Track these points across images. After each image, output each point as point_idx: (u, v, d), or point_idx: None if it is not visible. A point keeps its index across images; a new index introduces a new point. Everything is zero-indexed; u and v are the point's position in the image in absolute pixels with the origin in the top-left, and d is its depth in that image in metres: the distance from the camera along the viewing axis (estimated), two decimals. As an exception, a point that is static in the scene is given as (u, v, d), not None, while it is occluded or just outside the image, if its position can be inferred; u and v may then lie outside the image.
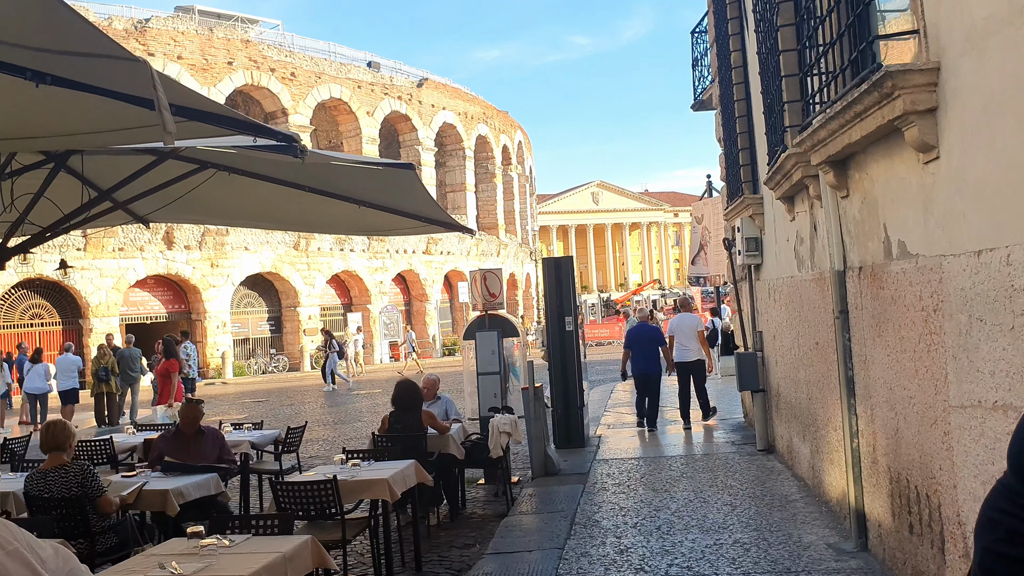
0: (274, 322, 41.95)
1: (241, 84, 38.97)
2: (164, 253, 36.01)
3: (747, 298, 10.10)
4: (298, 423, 8.49)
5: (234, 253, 38.12)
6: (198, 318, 37.85)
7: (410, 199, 5.90)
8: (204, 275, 37.33)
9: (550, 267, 10.65)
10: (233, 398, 24.69)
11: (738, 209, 9.42)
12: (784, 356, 8.08)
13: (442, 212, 6.16)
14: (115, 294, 34.70)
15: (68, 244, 33.26)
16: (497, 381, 9.30)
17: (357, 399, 21.33)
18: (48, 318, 34.54)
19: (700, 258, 20.31)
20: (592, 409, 15.02)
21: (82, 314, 34.47)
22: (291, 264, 40.37)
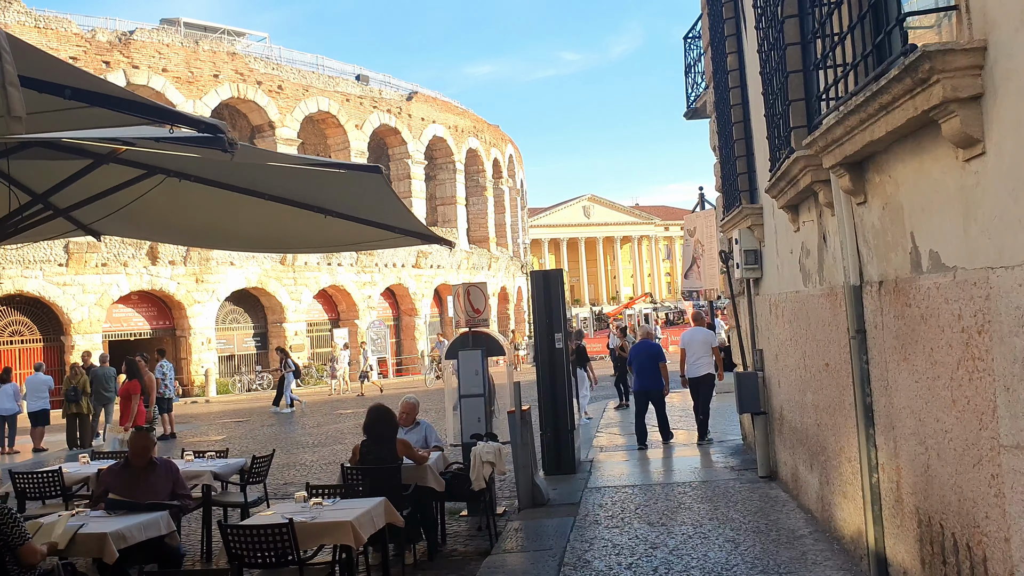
0: (260, 338, 41.27)
1: (227, 97, 38.45)
2: (148, 268, 35.34)
3: (746, 314, 9.54)
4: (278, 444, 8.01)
5: (219, 268, 37.49)
6: (183, 334, 37.18)
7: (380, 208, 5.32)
8: (189, 291, 36.67)
9: (538, 281, 10.05)
10: (214, 417, 23.98)
11: (735, 220, 8.87)
12: (788, 377, 7.51)
13: (415, 221, 5.58)
14: (98, 310, 34.00)
15: (50, 259, 32.64)
16: (481, 404, 8.69)
17: (340, 419, 20.65)
18: (29, 335, 33.79)
19: (693, 272, 19.77)
20: (583, 431, 14.43)
21: (64, 331, 33.73)
22: (277, 279, 39.75)
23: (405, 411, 7.75)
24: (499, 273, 54.30)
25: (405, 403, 7.86)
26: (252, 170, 5.27)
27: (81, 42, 34.34)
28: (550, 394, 9.83)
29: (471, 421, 8.65)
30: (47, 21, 33.73)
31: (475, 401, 8.68)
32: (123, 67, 35.12)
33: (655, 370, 12.03)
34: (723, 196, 10.28)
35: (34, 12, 33.95)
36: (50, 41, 33.43)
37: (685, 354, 12.27)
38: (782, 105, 5.85)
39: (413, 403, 7.85)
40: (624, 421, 15.97)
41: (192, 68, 37.60)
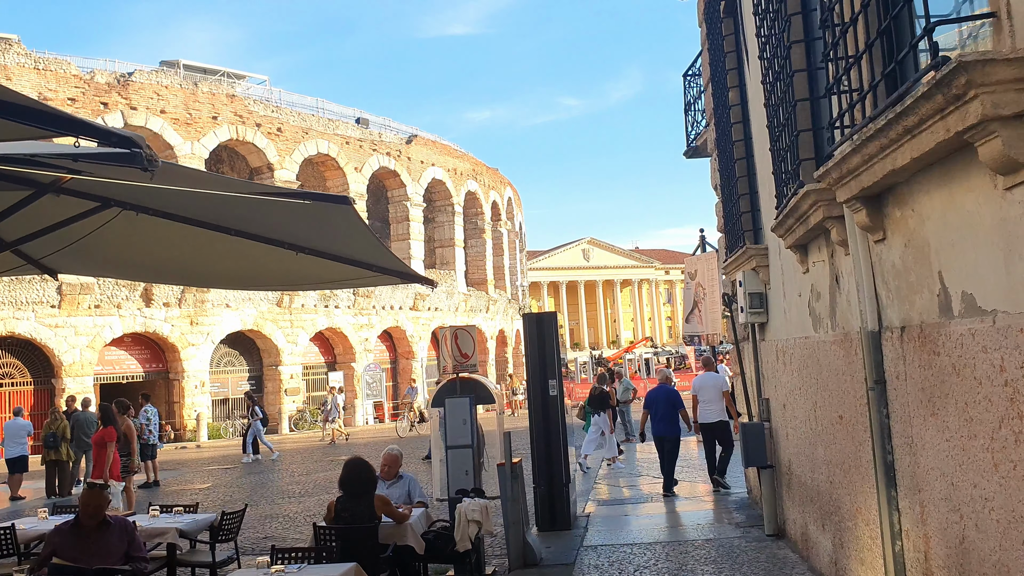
0: (255, 381, 40.70)
1: (226, 139, 38.40)
2: (142, 310, 34.92)
3: (751, 360, 9.07)
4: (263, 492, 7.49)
5: (215, 310, 37.08)
6: (176, 377, 36.65)
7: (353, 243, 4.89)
8: (183, 333, 36.21)
9: (531, 324, 9.58)
10: (202, 464, 23.33)
11: (739, 261, 8.44)
12: (797, 429, 7.02)
13: (391, 258, 5.15)
14: (90, 352, 33.49)
15: (42, 300, 32.23)
16: (469, 456, 8.16)
17: (331, 468, 20.03)
18: (19, 377, 33.27)
19: (694, 316, 19.33)
20: (580, 481, 13.86)
21: (55, 373, 33.20)
22: (273, 321, 39.32)
23: (387, 463, 7.24)
24: (497, 316, 53.87)
25: (387, 455, 7.36)
26: (216, 203, 4.85)
27: (80, 83, 34.33)
28: (544, 444, 9.30)
29: (458, 474, 8.11)
30: (46, 63, 33.75)
31: (462, 452, 8.15)
32: (121, 108, 35.08)
33: (674, 416, 11.94)
34: (725, 237, 9.87)
35: (34, 54, 34.00)
36: (49, 83, 33.43)
37: (697, 400, 12.20)
38: (789, 137, 5.46)
39: (395, 455, 7.34)
40: (625, 471, 15.39)
41: (191, 110, 37.58)
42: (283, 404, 38.99)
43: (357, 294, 42.56)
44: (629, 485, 12.97)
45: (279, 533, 10.76)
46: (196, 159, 36.96)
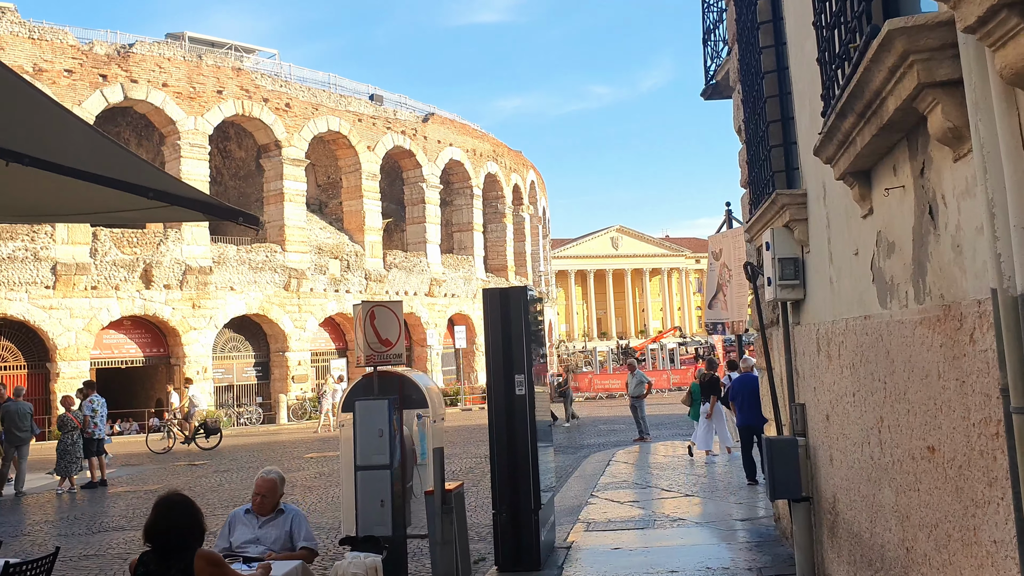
0: (261, 368, 39.16)
1: (231, 114, 36.66)
2: (141, 292, 33.37)
3: (780, 352, 6.88)
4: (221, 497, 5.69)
5: (218, 293, 35.46)
6: (177, 363, 35.13)
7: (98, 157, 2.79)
8: (185, 316, 34.64)
9: (493, 302, 7.40)
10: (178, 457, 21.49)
11: (767, 217, 6.22)
12: (848, 453, 4.82)
13: (165, 179, 3.07)
14: (86, 336, 31.99)
15: (36, 281, 30.74)
16: (386, 481, 6.05)
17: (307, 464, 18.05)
18: (12, 361, 31.88)
19: (718, 301, 17.06)
20: (575, 493, 11.72)
21: (49, 357, 31.76)
22: (280, 305, 37.65)
23: (260, 492, 5.19)
24: (518, 303, 51.73)
25: (261, 480, 5.27)
26: None
27: (77, 54, 32.68)
28: (507, 458, 7.15)
29: (371, 506, 6.03)
30: (42, 32, 32.14)
31: (377, 476, 6.06)
32: (120, 81, 33.42)
33: (759, 404, 10.74)
34: (750, 191, 7.63)
35: (29, 23, 32.39)
36: (44, 53, 31.82)
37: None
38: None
39: (272, 480, 5.26)
40: (633, 478, 13.20)
41: (194, 83, 35.84)
42: (290, 392, 37.34)
43: (369, 279, 40.76)
44: (634, 501, 10.80)
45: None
46: (200, 135, 35.31)
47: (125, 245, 33.29)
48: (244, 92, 37.29)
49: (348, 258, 40.48)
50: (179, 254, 34.32)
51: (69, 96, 31.62)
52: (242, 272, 36.27)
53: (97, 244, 32.25)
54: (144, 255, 33.38)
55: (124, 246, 33.24)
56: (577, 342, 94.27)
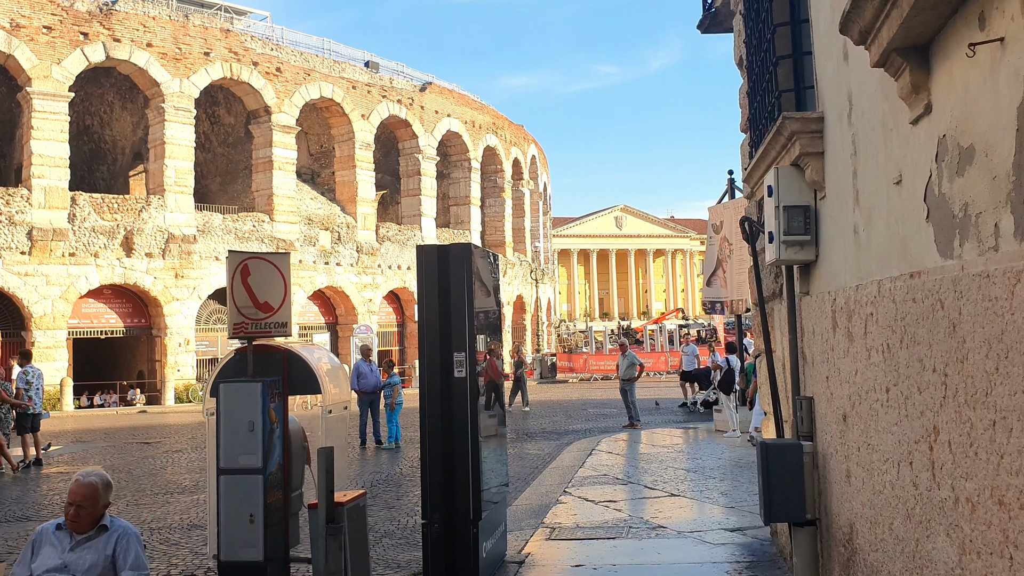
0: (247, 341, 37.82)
1: (219, 77, 35.19)
2: (122, 260, 32.09)
3: (782, 330, 5.52)
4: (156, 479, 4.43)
5: (202, 263, 34.20)
6: (158, 334, 33.93)
7: None
8: (167, 286, 33.39)
9: (428, 263, 5.98)
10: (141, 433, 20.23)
11: (770, 154, 4.84)
12: (880, 471, 3.47)
13: None
14: (63, 304, 30.74)
15: (11, 246, 29.46)
16: (257, 489, 4.69)
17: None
18: (-15, 328, 30.63)
19: (717, 278, 15.66)
20: (547, 487, 10.40)
21: (24, 326, 30.51)
22: (267, 278, 36.23)
23: (75, 501, 3.87)
24: (515, 281, 50.39)
25: (76, 487, 3.93)
26: None
27: (58, 11, 31.18)
28: (441, 454, 5.81)
29: (237, 521, 4.68)
30: (18, -15, 30.62)
31: (245, 483, 4.71)
32: (103, 39, 31.95)
33: None
34: (750, 131, 6.22)
35: (6, -24, 30.89)
36: (22, 8, 30.34)
37: None
38: None
39: (92, 486, 3.92)
40: (614, 472, 11.87)
41: (180, 44, 34.34)
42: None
43: (361, 251, 39.49)
44: (611, 500, 9.46)
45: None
46: (186, 98, 33.87)
47: (105, 211, 32.00)
48: (233, 55, 35.81)
49: (339, 230, 39.15)
50: (162, 221, 33.03)
51: (48, 55, 30.23)
52: (228, 242, 34.97)
53: (76, 209, 30.96)
54: (125, 222, 32.09)
55: (104, 212, 31.96)
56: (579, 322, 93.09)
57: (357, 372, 16.60)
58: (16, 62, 29.62)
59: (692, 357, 24.89)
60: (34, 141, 29.76)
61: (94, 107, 38.14)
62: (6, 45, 29.24)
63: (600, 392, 29.74)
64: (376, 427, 16.37)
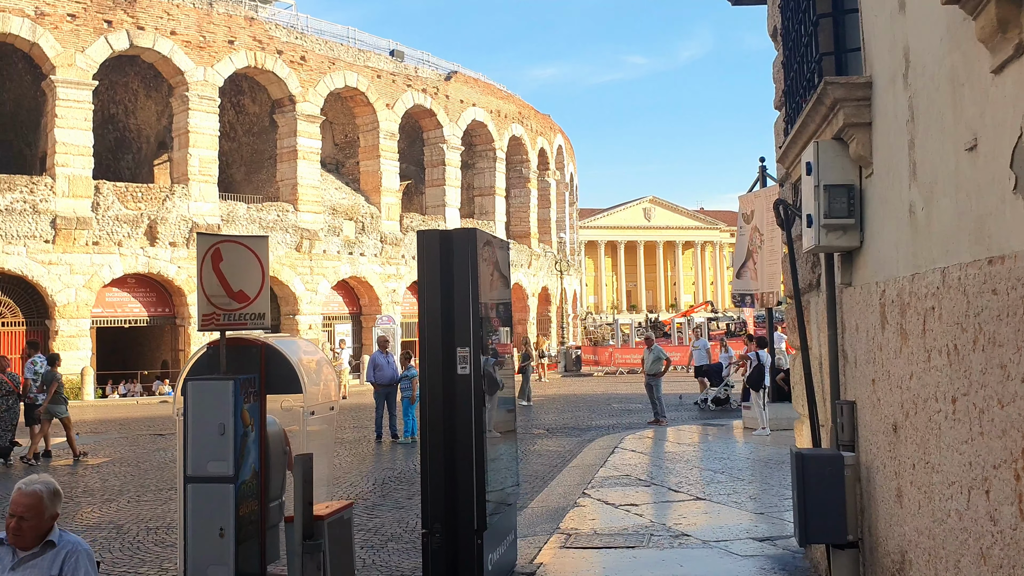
0: (272, 331, 37.57)
1: (243, 66, 34.94)
2: (145, 250, 32.00)
3: (820, 325, 4.96)
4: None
5: (226, 253, 33.95)
6: (183, 323, 33.84)
7: None
8: (191, 275, 33.16)
9: (430, 249, 5.46)
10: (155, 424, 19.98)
11: (809, 127, 4.27)
12: (943, 496, 2.92)
13: None
14: (86, 293, 30.70)
15: (35, 235, 29.43)
16: (228, 499, 4.20)
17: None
18: (11, 317, 30.73)
19: (747, 269, 15.02)
20: (565, 488, 9.89)
21: (48, 314, 30.52)
22: (291, 267, 36.18)
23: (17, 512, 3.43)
24: (540, 272, 49.86)
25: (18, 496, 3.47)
26: None
27: (81, -2, 31.04)
28: (443, 458, 5.31)
29: (205, 534, 4.22)
30: (44, -26, 30.53)
31: (217, 491, 4.25)
32: (126, 27, 31.79)
33: None
34: (786, 106, 5.62)
35: (31, -36, 30.81)
36: (45, -5, 30.22)
37: None
38: None
39: (35, 495, 3.44)
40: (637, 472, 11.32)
41: (204, 32, 34.12)
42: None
43: (385, 242, 39.17)
44: (632, 504, 8.92)
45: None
46: (210, 86, 33.66)
47: (129, 200, 31.92)
48: (257, 43, 35.55)
49: (363, 220, 38.86)
50: (186, 211, 32.89)
51: (72, 42, 30.12)
52: (252, 231, 34.76)
53: (99, 198, 30.90)
54: (149, 211, 31.99)
55: (128, 201, 31.88)
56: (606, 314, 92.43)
57: (373, 364, 16.19)
58: (40, 50, 29.53)
59: (703, 352, 24.19)
60: (58, 129, 29.69)
61: (119, 96, 38.11)
62: (31, 33, 29.15)
63: (625, 386, 29.13)
64: (392, 421, 15.93)
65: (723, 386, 21.08)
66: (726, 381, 21.21)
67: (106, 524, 8.90)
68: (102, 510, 9.52)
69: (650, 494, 9.58)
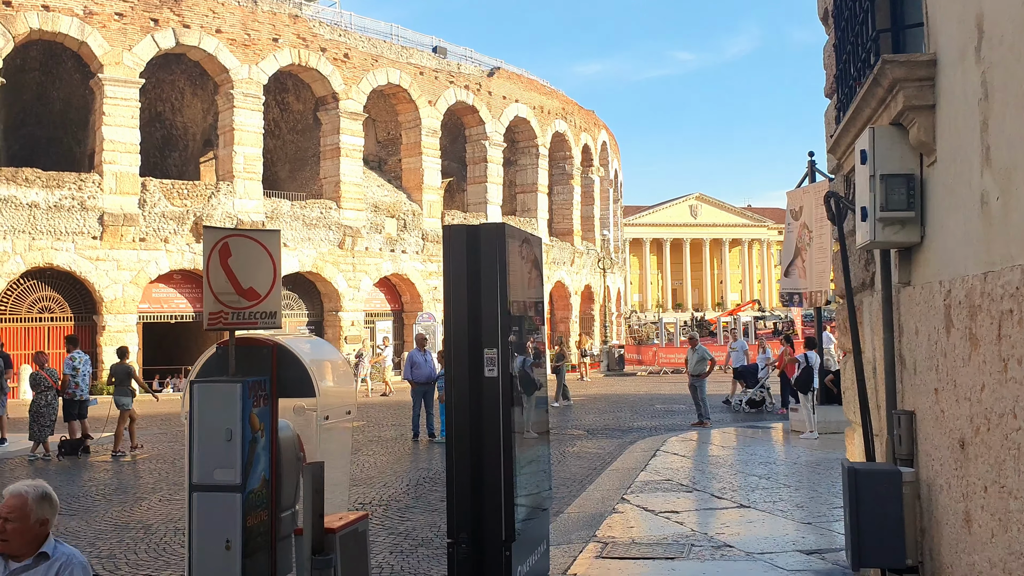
0: (315, 327, 38.09)
1: (287, 64, 35.11)
2: (191, 246, 32.32)
3: (874, 327, 4.58)
4: None
5: (270, 249, 34.15)
6: (227, 320, 34.01)
7: None
8: (235, 272, 33.43)
9: (456, 245, 5.16)
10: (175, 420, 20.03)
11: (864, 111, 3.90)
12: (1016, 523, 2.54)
13: None
14: (133, 289, 31.12)
15: (83, 231, 29.90)
16: (235, 509, 3.93)
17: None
18: (59, 312, 31.27)
19: (795, 267, 14.52)
20: (603, 493, 9.57)
21: (96, 309, 31.00)
22: (334, 264, 36.31)
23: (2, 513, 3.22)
24: (583, 270, 49.42)
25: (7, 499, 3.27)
26: None
27: (128, -3, 31.44)
28: (469, 465, 5.01)
29: (211, 547, 3.97)
30: (92, -26, 30.96)
31: (223, 501, 4.02)
32: (172, 26, 32.11)
33: None
34: (837, 92, 5.23)
35: (79, -36, 31.27)
36: (94, -6, 30.65)
37: None
38: None
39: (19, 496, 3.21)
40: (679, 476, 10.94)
41: (249, 30, 34.33)
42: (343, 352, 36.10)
43: (426, 239, 39.11)
44: (673, 511, 8.56)
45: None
46: (254, 84, 33.87)
47: (175, 197, 32.26)
48: (301, 41, 35.69)
49: (405, 217, 38.84)
50: (231, 208, 33.14)
51: (120, 41, 30.51)
52: (296, 228, 35.03)
53: (146, 195, 31.27)
54: (195, 207, 32.29)
55: (174, 198, 32.22)
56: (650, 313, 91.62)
57: (411, 362, 16.02)
58: (89, 49, 29.95)
59: (741, 353, 23.58)
60: (105, 127, 30.09)
61: (165, 94, 38.57)
62: (79, 32, 29.59)
63: (669, 386, 28.61)
64: (429, 420, 15.74)
65: (758, 388, 20.54)
66: (762, 383, 20.66)
67: (135, 524, 8.80)
68: (133, 509, 9.45)
69: (692, 500, 9.21)
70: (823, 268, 13.44)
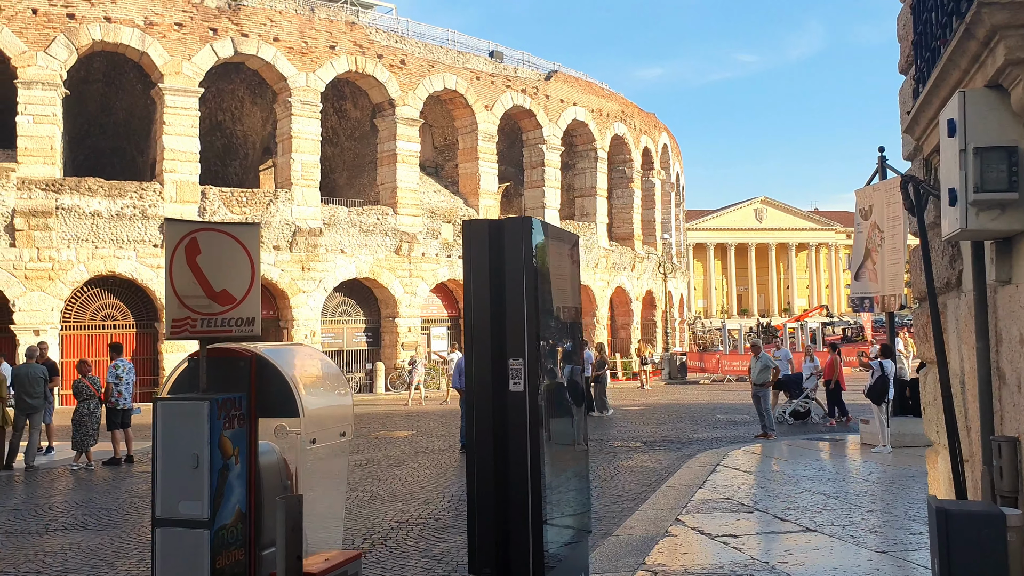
0: (372, 333, 38.11)
1: (344, 71, 35.20)
2: (251, 253, 32.43)
3: (962, 335, 3.86)
4: None
5: (328, 256, 34.32)
6: (286, 326, 34.30)
7: None
8: (294, 279, 33.68)
9: (478, 241, 4.58)
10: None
11: (952, 72, 3.22)
12: None
13: None
14: (193, 296, 31.35)
15: (144, 239, 30.34)
16: (203, 547, 3.40)
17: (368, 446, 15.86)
18: (121, 319, 31.79)
19: (865, 270, 13.58)
20: (656, 513, 8.88)
21: (157, 317, 31.41)
22: (391, 270, 36.21)
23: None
24: (644, 275, 48.43)
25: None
26: None
27: (188, 7, 31.88)
28: (493, 494, 4.42)
29: None
30: (151, -15, 31.44)
31: (188, 538, 3.48)
32: (231, 35, 32.44)
33: None
34: (915, 64, 4.51)
35: (142, -24, 31.79)
36: (155, 6, 31.14)
37: None
38: None
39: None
40: (740, 495, 10.17)
41: (306, 38, 34.49)
42: (399, 359, 35.96)
43: (482, 245, 38.76)
44: (732, 535, 7.83)
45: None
46: (311, 92, 34.00)
47: (234, 204, 32.50)
48: (357, 48, 35.72)
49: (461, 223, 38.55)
50: (289, 215, 33.28)
51: (179, 51, 30.90)
52: (353, 235, 35.05)
53: (206, 203, 31.56)
54: (253, 215, 32.48)
55: (233, 205, 32.46)
56: (715, 319, 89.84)
57: (459, 370, 15.54)
58: (150, 59, 30.38)
59: (785, 362, 22.44)
60: (166, 136, 30.46)
61: (225, 103, 39.03)
62: (140, 43, 30.04)
63: (732, 396, 27.58)
64: (479, 430, 15.21)
65: (803, 398, 19.52)
66: (806, 393, 19.63)
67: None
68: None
69: (753, 522, 8.47)
70: (896, 270, 12.50)
